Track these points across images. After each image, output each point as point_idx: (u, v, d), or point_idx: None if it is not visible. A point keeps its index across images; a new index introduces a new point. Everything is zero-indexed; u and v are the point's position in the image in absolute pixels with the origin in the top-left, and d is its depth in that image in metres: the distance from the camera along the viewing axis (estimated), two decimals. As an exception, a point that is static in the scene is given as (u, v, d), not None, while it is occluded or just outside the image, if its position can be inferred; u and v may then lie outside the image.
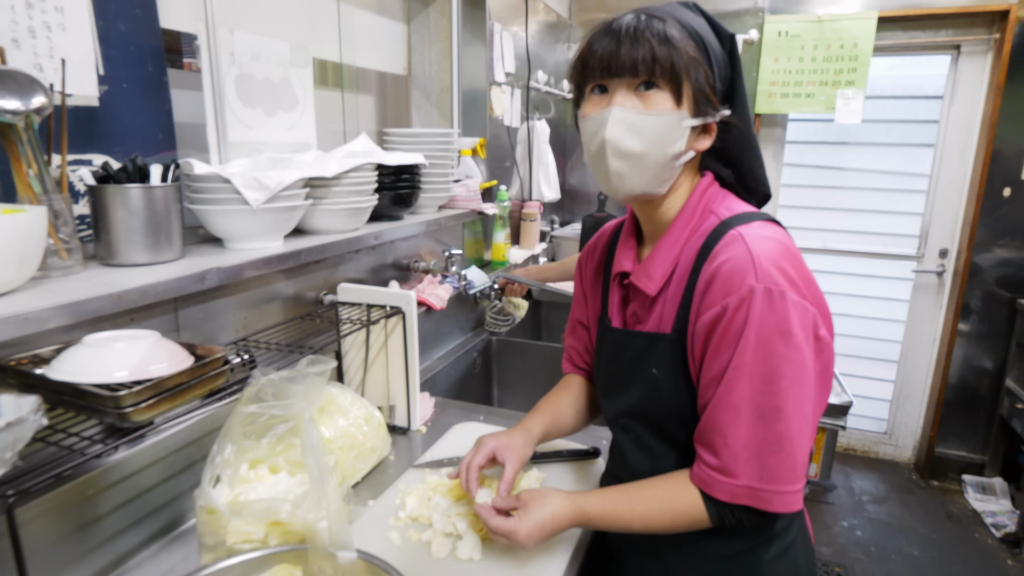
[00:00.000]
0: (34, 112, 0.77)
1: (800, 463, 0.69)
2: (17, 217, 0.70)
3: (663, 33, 0.69)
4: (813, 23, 2.55)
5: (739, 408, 0.68)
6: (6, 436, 0.60)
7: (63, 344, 0.78)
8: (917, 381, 2.86)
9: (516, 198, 2.31)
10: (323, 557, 0.71)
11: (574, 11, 2.86)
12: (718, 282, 0.69)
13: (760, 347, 0.66)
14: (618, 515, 0.77)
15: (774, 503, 0.69)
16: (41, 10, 0.83)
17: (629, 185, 0.74)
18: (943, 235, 2.71)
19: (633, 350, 0.82)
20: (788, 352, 0.66)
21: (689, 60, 0.70)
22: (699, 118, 0.73)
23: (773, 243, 0.70)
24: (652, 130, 0.71)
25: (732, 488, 0.70)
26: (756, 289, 0.66)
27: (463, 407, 1.43)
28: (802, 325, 0.67)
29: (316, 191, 1.17)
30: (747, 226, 0.72)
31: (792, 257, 0.70)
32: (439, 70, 1.87)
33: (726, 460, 0.69)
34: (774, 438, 0.67)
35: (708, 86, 0.72)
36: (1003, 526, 2.40)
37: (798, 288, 0.68)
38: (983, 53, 2.49)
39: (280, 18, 1.31)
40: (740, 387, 0.68)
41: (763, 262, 0.67)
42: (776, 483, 0.68)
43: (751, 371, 0.67)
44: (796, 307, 0.67)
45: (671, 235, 0.78)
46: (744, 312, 0.66)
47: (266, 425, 0.81)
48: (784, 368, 0.66)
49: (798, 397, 0.67)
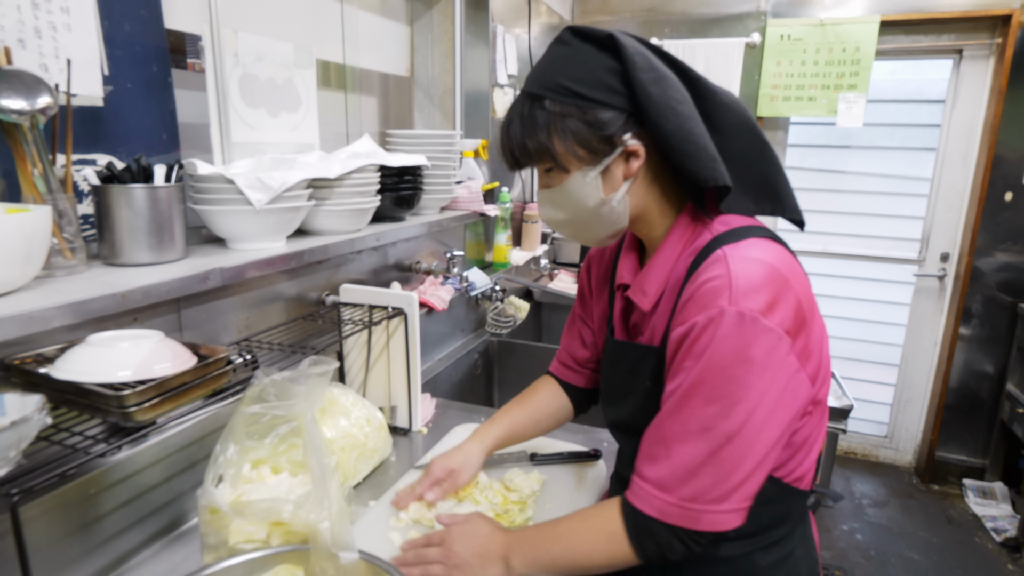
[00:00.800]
0: (39, 112, 0.77)
1: (739, 486, 0.67)
2: (22, 216, 0.70)
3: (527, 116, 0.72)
4: (815, 27, 2.55)
5: (688, 425, 0.67)
6: (10, 435, 0.60)
7: (67, 343, 0.78)
8: (918, 385, 2.86)
9: (518, 200, 2.32)
10: (325, 557, 0.71)
11: (577, 13, 2.87)
12: (693, 301, 0.68)
13: (721, 370, 0.65)
14: (544, 536, 0.77)
15: (701, 521, 0.67)
16: (47, 10, 0.84)
17: (588, 239, 0.80)
18: (944, 239, 2.71)
19: (629, 361, 0.82)
20: (748, 378, 0.64)
21: (556, 131, 0.70)
22: (603, 161, 0.71)
23: (758, 265, 0.67)
24: (566, 198, 0.75)
25: (663, 504, 0.68)
26: (726, 311, 0.64)
27: (464, 408, 1.44)
28: (771, 353, 0.64)
29: (319, 192, 1.18)
30: (736, 245, 0.70)
31: (778, 280, 0.66)
32: (442, 72, 1.88)
33: (663, 474, 0.68)
34: (717, 460, 0.66)
35: (590, 131, 0.70)
36: (1003, 531, 2.40)
37: (774, 314, 0.65)
38: (985, 57, 2.49)
39: (284, 19, 1.31)
40: (693, 405, 0.66)
41: (740, 284, 0.65)
42: (708, 503, 0.67)
43: (707, 392, 0.65)
44: (767, 334, 0.64)
45: (664, 251, 0.77)
46: (710, 333, 0.65)
47: (268, 425, 0.81)
48: (740, 394, 0.64)
49: (754, 425, 0.65)
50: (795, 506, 0.79)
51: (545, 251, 2.53)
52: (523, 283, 2.26)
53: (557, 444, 1.21)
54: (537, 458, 1.15)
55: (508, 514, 0.97)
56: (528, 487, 1.05)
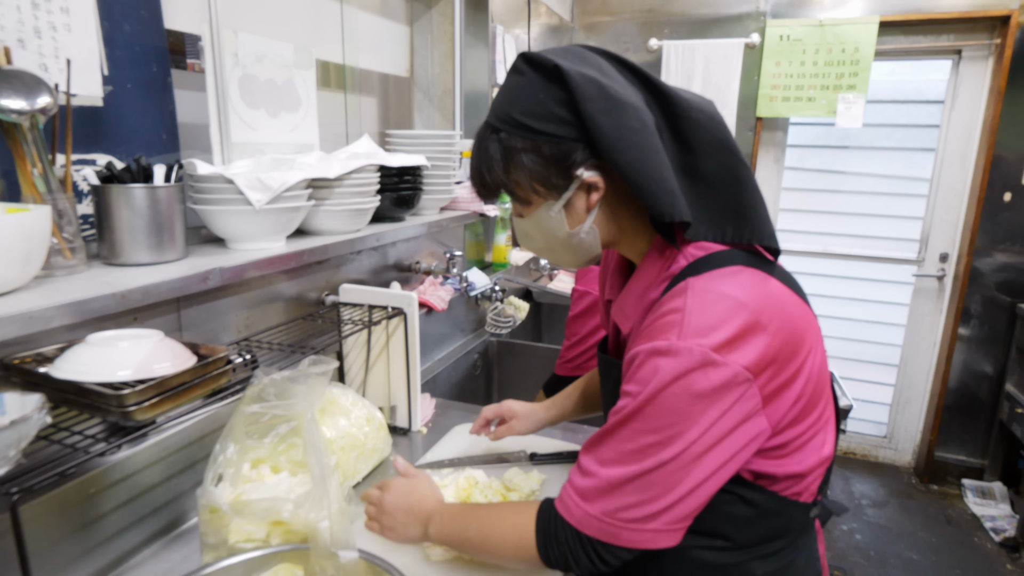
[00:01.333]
0: (39, 112, 0.77)
1: (668, 508, 0.65)
2: (22, 216, 0.70)
3: (484, 152, 0.72)
4: (815, 27, 2.55)
5: (623, 447, 0.66)
6: (10, 434, 0.60)
7: (67, 343, 0.78)
8: (917, 385, 2.86)
9: (517, 200, 2.31)
10: (325, 556, 0.72)
11: (576, 14, 2.87)
12: (648, 330, 0.67)
13: (660, 402, 0.63)
14: (466, 515, 0.80)
15: (620, 538, 0.66)
16: (47, 11, 0.84)
17: (565, 261, 0.81)
18: (944, 239, 2.71)
19: (612, 379, 0.83)
20: (691, 411, 0.62)
21: (510, 164, 0.71)
22: (563, 194, 0.71)
23: (721, 299, 0.64)
24: (535, 227, 0.76)
25: (583, 515, 0.67)
26: (672, 347, 0.63)
27: (464, 408, 1.44)
28: (721, 389, 0.62)
29: (318, 192, 1.18)
30: (704, 276, 0.67)
31: (741, 316, 0.63)
32: (441, 72, 1.88)
33: (590, 487, 0.67)
34: (645, 483, 0.65)
35: (546, 164, 0.69)
36: (1002, 531, 2.40)
37: (733, 352, 0.62)
38: (984, 58, 2.50)
39: (284, 19, 1.31)
40: (630, 429, 0.65)
41: (692, 321, 0.63)
42: (630, 521, 0.66)
43: (645, 420, 0.64)
44: (717, 369, 0.62)
45: (640, 275, 0.76)
46: (652, 365, 0.64)
47: (268, 425, 0.82)
48: (681, 426, 0.63)
49: (691, 455, 0.63)
50: (795, 518, 0.78)
51: (545, 251, 2.52)
52: (523, 283, 2.27)
53: (556, 444, 1.21)
54: (537, 458, 1.15)
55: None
56: (528, 486, 1.05)
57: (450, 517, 0.80)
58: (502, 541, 0.75)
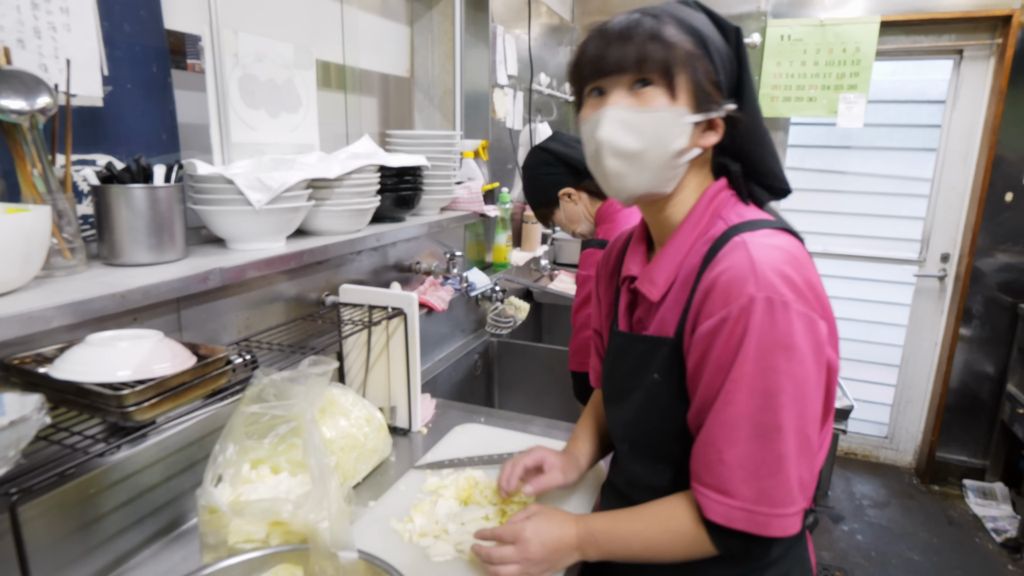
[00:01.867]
0: (39, 112, 0.77)
1: (797, 485, 0.65)
2: (21, 217, 0.70)
3: (654, 29, 0.68)
4: (815, 27, 2.55)
5: (736, 424, 0.65)
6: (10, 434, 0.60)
7: (66, 343, 0.78)
8: (918, 385, 2.86)
9: (518, 200, 2.32)
10: (324, 557, 0.71)
11: (577, 14, 2.87)
12: (716, 291, 0.66)
13: (759, 360, 0.63)
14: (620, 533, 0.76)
15: (771, 527, 0.65)
16: (47, 11, 0.84)
17: (630, 185, 0.72)
18: (945, 240, 2.71)
19: (635, 355, 0.80)
20: (790, 367, 0.63)
21: (684, 55, 0.68)
22: (700, 113, 0.70)
23: (778, 251, 0.66)
24: (649, 127, 0.69)
25: (727, 510, 0.66)
26: (756, 298, 0.63)
27: (464, 409, 1.43)
28: (807, 338, 0.63)
29: (319, 192, 1.18)
30: (753, 233, 0.69)
31: (799, 266, 0.66)
32: (442, 72, 1.88)
33: (722, 478, 0.66)
34: (773, 458, 0.64)
35: (709, 81, 0.69)
36: (1004, 531, 2.40)
37: (804, 298, 0.64)
38: (985, 58, 2.49)
39: (284, 20, 1.31)
40: (737, 402, 0.64)
41: (764, 270, 0.64)
42: (773, 506, 0.65)
43: (750, 386, 0.63)
44: (801, 318, 0.63)
45: (676, 239, 0.75)
46: (743, 323, 0.63)
47: (268, 425, 0.81)
48: (784, 384, 0.63)
49: (798, 415, 0.64)
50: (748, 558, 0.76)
51: (545, 252, 2.53)
52: (523, 284, 2.26)
53: (558, 445, 1.21)
54: (537, 458, 1.15)
55: (512, 513, 0.97)
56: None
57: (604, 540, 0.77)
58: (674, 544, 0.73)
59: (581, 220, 1.56)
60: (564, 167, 1.51)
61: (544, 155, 1.54)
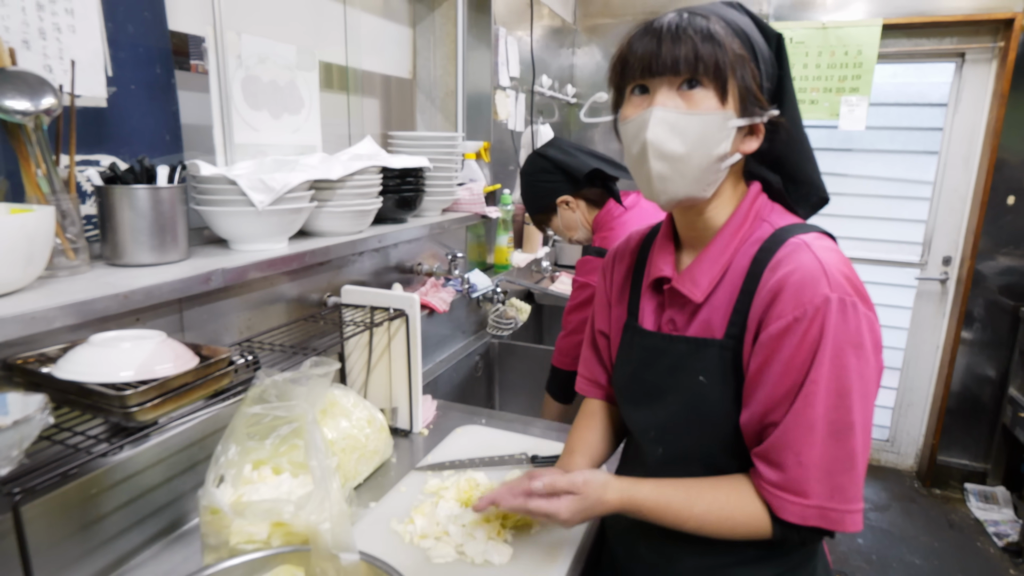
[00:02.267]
0: (43, 113, 0.77)
1: (862, 480, 0.67)
2: (25, 217, 0.70)
3: (707, 30, 0.66)
4: (817, 30, 2.55)
5: (814, 425, 0.64)
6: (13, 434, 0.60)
7: (69, 343, 0.78)
8: (919, 389, 2.85)
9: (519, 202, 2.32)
10: (325, 558, 0.71)
11: (579, 16, 2.88)
12: (788, 292, 0.66)
13: (835, 360, 0.64)
14: (674, 512, 0.73)
15: (844, 523, 0.66)
16: (51, 12, 0.84)
17: (673, 189, 0.71)
18: (946, 243, 2.70)
19: (673, 356, 0.77)
20: (859, 365, 0.64)
21: (734, 57, 0.67)
22: (745, 118, 0.69)
23: (836, 255, 0.68)
24: (696, 130, 0.67)
25: (802, 509, 0.66)
26: (831, 299, 0.64)
27: (465, 410, 1.44)
28: (870, 338, 0.65)
29: (321, 193, 1.18)
30: (807, 235, 0.70)
31: (853, 270, 0.68)
32: (444, 74, 1.88)
33: (797, 479, 0.66)
34: (846, 455, 0.65)
35: (755, 84, 0.69)
36: (1005, 535, 2.39)
37: (864, 300, 0.66)
38: (987, 61, 2.49)
39: (287, 21, 1.32)
40: (816, 403, 0.64)
41: (834, 272, 0.65)
42: (847, 502, 0.65)
43: (826, 386, 0.64)
44: (866, 319, 0.65)
45: (719, 241, 0.74)
46: (819, 324, 0.64)
47: (270, 426, 0.81)
48: (855, 382, 0.64)
49: (865, 412, 0.65)
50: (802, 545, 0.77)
51: (546, 253, 2.53)
52: (524, 285, 2.27)
53: (558, 446, 1.21)
54: (538, 460, 1.15)
55: (513, 515, 0.97)
56: (529, 489, 1.04)
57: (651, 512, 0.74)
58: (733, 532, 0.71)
59: (578, 228, 1.56)
60: (562, 175, 1.50)
61: (542, 162, 1.53)
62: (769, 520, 0.69)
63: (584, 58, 2.86)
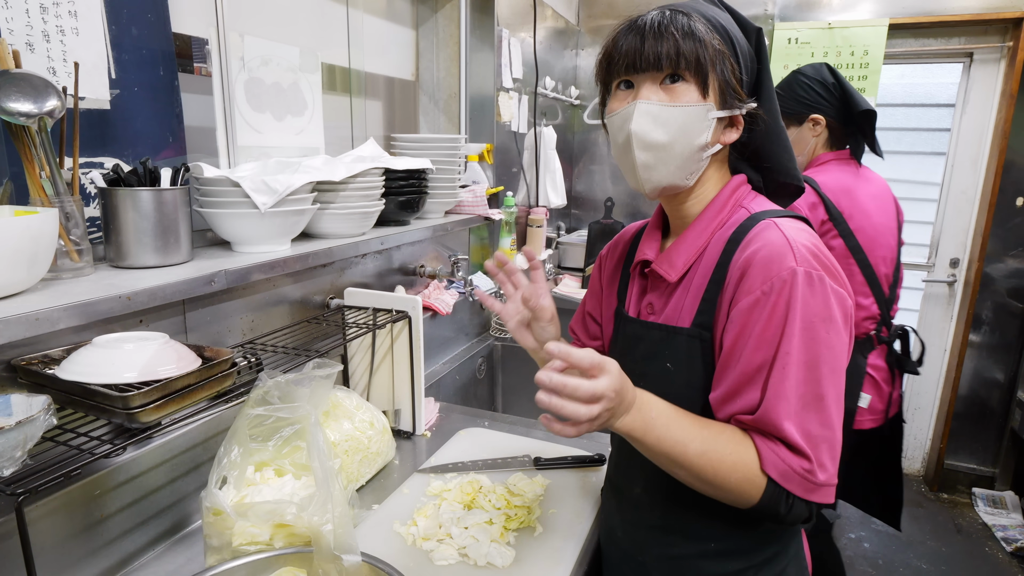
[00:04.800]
0: (47, 115, 0.78)
1: (837, 455, 0.67)
2: (29, 219, 0.70)
3: (687, 27, 0.70)
4: (823, 30, 2.54)
5: (788, 397, 0.65)
6: (16, 435, 0.61)
7: (73, 345, 0.78)
8: (927, 392, 2.83)
9: (522, 204, 2.32)
10: (328, 560, 0.71)
11: (582, 18, 2.87)
12: (756, 267, 0.68)
13: (804, 332, 0.65)
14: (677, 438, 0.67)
15: (815, 494, 0.66)
16: (55, 14, 0.85)
17: (656, 177, 0.74)
18: (954, 245, 2.68)
19: (648, 342, 0.80)
20: (829, 338, 0.65)
21: (714, 52, 0.70)
22: (725, 110, 0.73)
23: (805, 233, 0.71)
24: (677, 121, 0.71)
25: (786, 467, 0.66)
26: (797, 272, 0.65)
27: (467, 412, 1.43)
28: (840, 311, 0.66)
29: (324, 195, 1.18)
30: (779, 219, 0.72)
31: (824, 249, 0.70)
32: (447, 76, 1.88)
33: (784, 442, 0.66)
34: (817, 428, 0.66)
35: (734, 78, 0.72)
36: (1014, 540, 2.37)
37: (834, 276, 0.68)
38: (996, 61, 2.47)
39: (290, 23, 1.32)
40: (788, 375, 0.65)
41: (800, 248, 0.67)
42: (822, 472, 0.66)
43: (797, 359, 0.65)
44: (834, 293, 0.66)
45: (698, 225, 0.77)
46: (786, 296, 0.65)
47: (272, 428, 0.82)
48: (824, 354, 0.65)
49: (836, 385, 0.66)
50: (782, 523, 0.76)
51: (550, 255, 2.52)
52: (528, 287, 2.26)
53: (561, 449, 1.20)
54: (541, 462, 1.15)
55: (516, 517, 0.96)
56: (532, 491, 1.04)
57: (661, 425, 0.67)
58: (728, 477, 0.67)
59: (803, 151, 1.61)
60: (836, 99, 1.55)
61: (829, 77, 1.57)
62: (760, 475, 0.66)
63: (588, 59, 2.85)
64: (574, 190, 2.97)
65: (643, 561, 0.84)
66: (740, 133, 0.76)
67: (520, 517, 0.97)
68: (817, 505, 0.67)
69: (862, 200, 1.55)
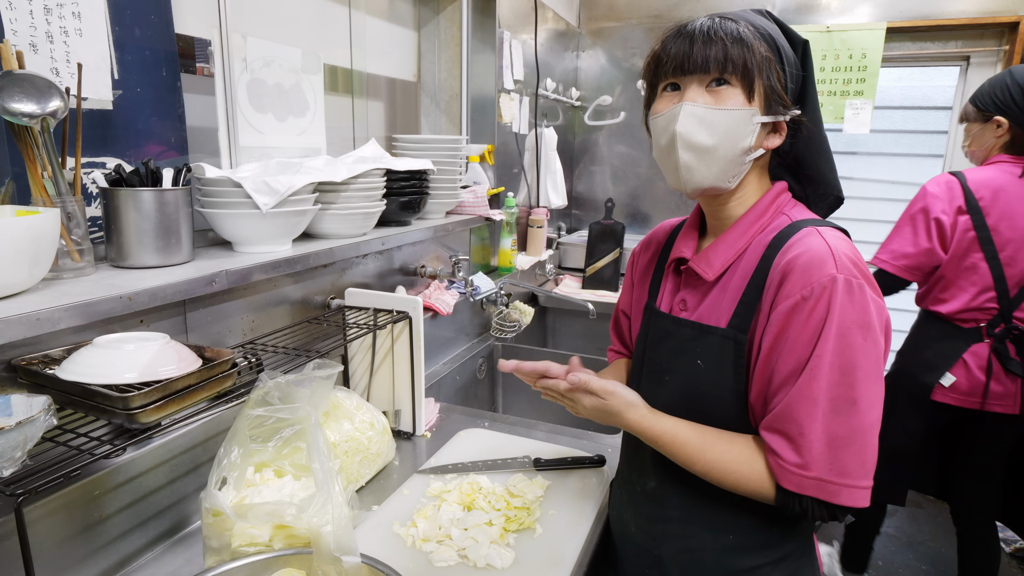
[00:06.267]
0: (50, 115, 0.78)
1: (870, 459, 0.68)
2: (31, 219, 0.70)
3: (736, 33, 0.72)
4: (822, 33, 2.55)
5: (817, 399, 0.67)
6: (16, 435, 0.61)
7: (74, 345, 0.78)
8: (925, 393, 2.83)
9: (523, 205, 2.32)
10: (327, 561, 0.71)
11: (583, 19, 2.88)
12: (796, 273, 0.69)
13: (840, 337, 0.66)
14: (687, 453, 0.76)
15: (841, 496, 0.67)
16: (59, 15, 0.85)
17: (698, 178, 0.75)
18: (952, 246, 2.69)
19: (678, 338, 0.81)
20: (866, 345, 0.66)
21: (761, 59, 0.72)
22: (770, 115, 0.74)
23: (846, 243, 0.72)
24: (722, 124, 0.73)
25: (800, 479, 0.68)
26: (837, 279, 0.66)
27: (468, 413, 1.43)
28: (879, 320, 0.68)
29: (325, 196, 1.18)
30: (821, 227, 0.74)
31: (863, 261, 0.71)
32: (448, 77, 1.89)
33: (800, 451, 0.68)
34: (847, 432, 0.67)
35: (780, 85, 0.74)
36: (1014, 541, 2.37)
37: (873, 286, 0.69)
38: (992, 64, 2.48)
39: (292, 24, 1.32)
40: (819, 378, 0.67)
41: (841, 256, 0.68)
42: (845, 477, 0.67)
43: (830, 362, 0.66)
44: (873, 302, 0.68)
45: (738, 227, 0.79)
46: (825, 302, 0.66)
47: (272, 428, 0.81)
48: (860, 361, 0.66)
49: (872, 391, 0.67)
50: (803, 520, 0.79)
51: (550, 256, 2.53)
52: (528, 288, 2.26)
53: (561, 450, 1.20)
54: (541, 463, 1.15)
55: (515, 519, 0.96)
56: (532, 492, 1.04)
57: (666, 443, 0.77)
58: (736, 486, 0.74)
59: (980, 149, 1.66)
60: None
61: None
62: (772, 485, 0.71)
63: (588, 61, 2.86)
64: (574, 191, 2.98)
65: (659, 555, 0.85)
66: (783, 140, 0.77)
67: (520, 518, 0.97)
68: (843, 509, 0.68)
69: (1011, 202, 1.57)
